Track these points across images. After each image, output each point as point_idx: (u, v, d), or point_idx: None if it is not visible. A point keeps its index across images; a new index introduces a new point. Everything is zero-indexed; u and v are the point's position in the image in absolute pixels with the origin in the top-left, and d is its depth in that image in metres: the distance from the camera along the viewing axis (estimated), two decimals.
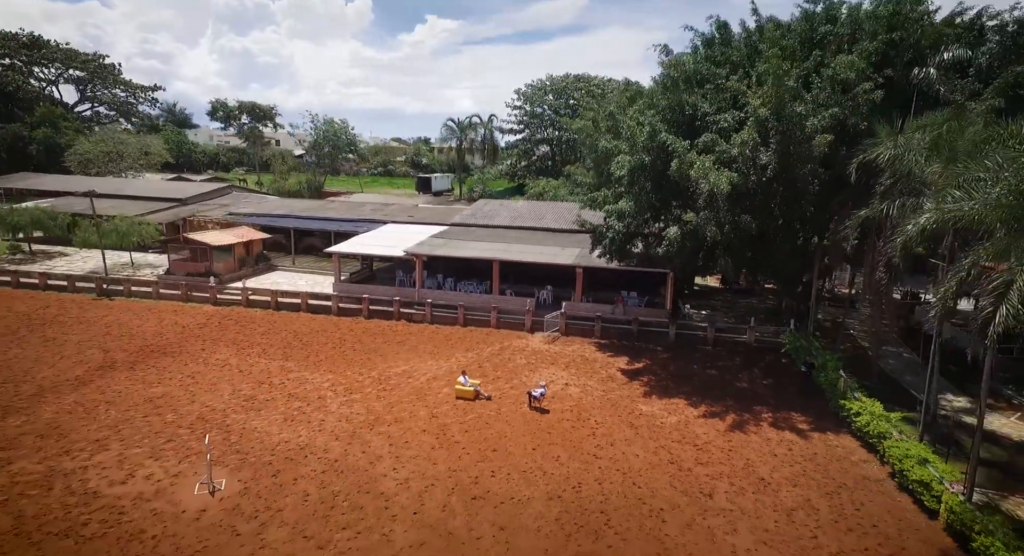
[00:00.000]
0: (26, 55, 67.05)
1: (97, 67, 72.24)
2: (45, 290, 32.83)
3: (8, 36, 66.19)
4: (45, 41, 68.67)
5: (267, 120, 67.88)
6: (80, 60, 70.38)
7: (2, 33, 65.56)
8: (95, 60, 72.36)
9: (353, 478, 15.93)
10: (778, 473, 16.77)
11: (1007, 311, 11.45)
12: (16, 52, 66.30)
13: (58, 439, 17.34)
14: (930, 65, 19.81)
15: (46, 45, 68.46)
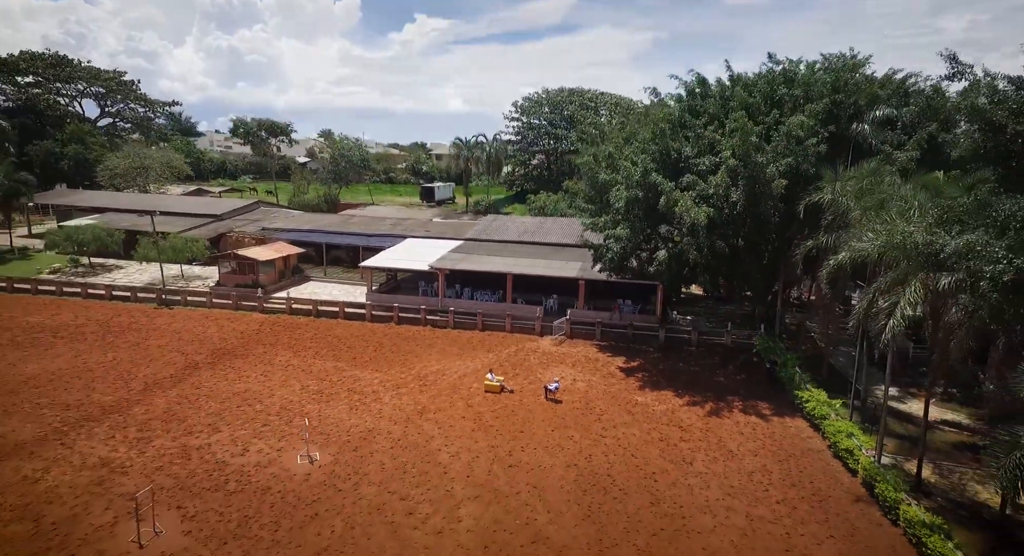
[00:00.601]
0: (52, 74, 70.97)
1: (117, 84, 76.19)
2: (111, 300, 37.18)
3: (35, 56, 70.02)
4: (69, 60, 72.54)
5: (283, 135, 72.21)
6: (103, 78, 74.32)
7: (30, 53, 69.54)
8: (115, 77, 76.25)
9: (415, 452, 20.60)
10: (743, 447, 21.64)
11: (895, 323, 16.35)
12: (44, 71, 70.12)
13: (178, 424, 21.87)
14: (865, 121, 24.81)
15: (70, 64, 72.31)
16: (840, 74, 25.52)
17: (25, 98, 67.85)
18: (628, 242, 28.42)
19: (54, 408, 22.61)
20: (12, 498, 16.95)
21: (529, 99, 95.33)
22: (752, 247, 26.28)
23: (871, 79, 26.26)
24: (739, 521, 17.14)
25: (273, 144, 73.44)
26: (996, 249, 12.01)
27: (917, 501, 16.90)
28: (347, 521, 16.58)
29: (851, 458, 19.58)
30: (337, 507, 17.24)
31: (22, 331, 31.07)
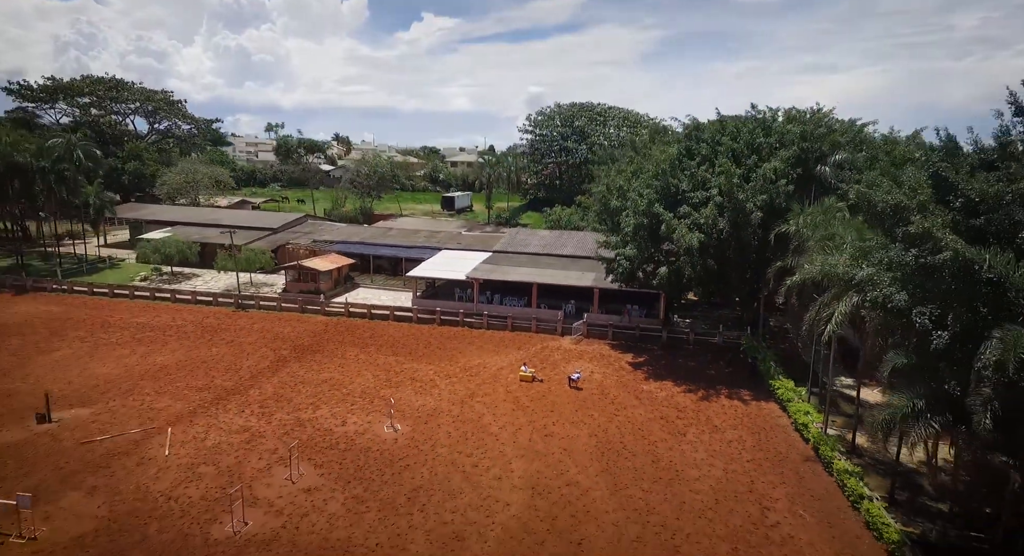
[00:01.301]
0: (110, 97, 77.91)
1: (165, 103, 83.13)
2: (195, 304, 43.80)
3: (96, 80, 77.04)
4: (126, 83, 79.57)
5: (320, 152, 78.80)
6: (155, 98, 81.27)
7: (92, 77, 76.52)
8: (164, 96, 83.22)
9: (471, 425, 26.91)
10: (726, 423, 27.80)
11: (832, 327, 22.43)
12: (104, 93, 77.09)
13: (286, 402, 28.30)
14: (827, 164, 30.90)
15: (127, 87, 79.33)
16: (807, 126, 31.64)
17: (88, 119, 74.87)
18: (635, 259, 34.62)
19: (190, 390, 29.14)
20: (191, 450, 23.42)
21: (542, 113, 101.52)
22: (735, 265, 32.41)
23: (832, 129, 32.35)
24: (717, 473, 23.33)
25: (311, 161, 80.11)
26: (884, 280, 18.02)
27: (848, 458, 23.05)
28: (430, 470, 22.91)
29: (805, 430, 25.72)
30: (421, 461, 23.58)
31: (137, 330, 37.69)
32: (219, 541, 18.27)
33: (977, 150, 17.34)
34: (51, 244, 55.87)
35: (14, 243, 56.08)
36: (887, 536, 18.09)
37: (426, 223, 66.71)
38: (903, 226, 16.34)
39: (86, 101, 78.62)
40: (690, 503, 21.19)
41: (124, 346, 34.92)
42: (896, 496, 20.90)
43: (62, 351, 33.58)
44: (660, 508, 20.84)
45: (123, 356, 33.27)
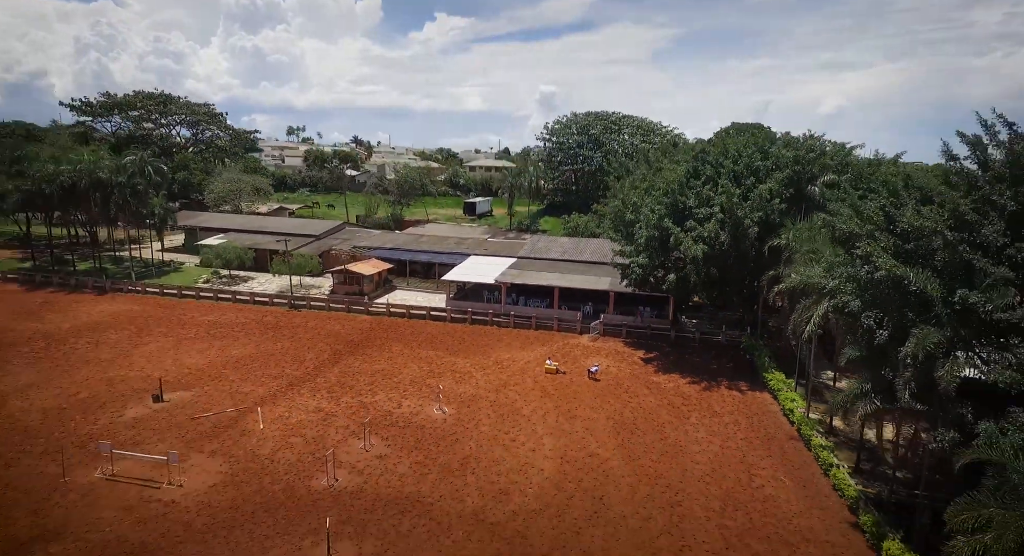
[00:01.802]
0: (159, 110, 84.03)
1: (208, 115, 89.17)
2: (253, 304, 49.21)
3: (148, 95, 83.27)
4: (174, 98, 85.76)
5: (352, 162, 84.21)
6: (201, 112, 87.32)
7: (145, 93, 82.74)
8: (207, 109, 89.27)
9: (507, 408, 31.77)
10: (724, 409, 32.39)
11: (811, 328, 26.95)
12: (154, 108, 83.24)
13: (349, 388, 33.38)
14: (816, 185, 35.33)
15: (175, 101, 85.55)
16: (799, 151, 36.10)
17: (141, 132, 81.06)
18: (647, 266, 39.29)
19: (267, 378, 34.37)
20: (279, 425, 28.59)
21: (559, 122, 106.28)
22: (735, 273, 36.95)
23: (823, 153, 36.77)
24: (715, 448, 27.98)
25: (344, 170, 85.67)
26: (846, 289, 22.48)
27: (824, 437, 27.59)
28: (476, 443, 27.83)
29: (791, 414, 30.25)
30: (468, 437, 28.51)
31: (209, 327, 43.11)
32: (318, 491, 23.35)
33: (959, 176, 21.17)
34: (114, 249, 61.76)
35: (83, 247, 62.06)
36: (847, 494, 22.68)
37: (453, 229, 71.73)
38: (855, 247, 20.92)
39: (136, 115, 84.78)
40: (691, 470, 25.89)
41: (202, 340, 40.32)
42: (861, 466, 25.45)
43: (152, 345, 39.06)
44: (666, 474, 25.57)
45: (204, 349, 38.65)
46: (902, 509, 22.08)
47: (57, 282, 51.67)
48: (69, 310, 45.72)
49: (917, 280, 18.14)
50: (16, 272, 53.49)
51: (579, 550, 20.57)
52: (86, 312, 45.41)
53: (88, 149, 59.06)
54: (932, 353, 17.19)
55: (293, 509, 22.17)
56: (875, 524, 20.28)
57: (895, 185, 24.52)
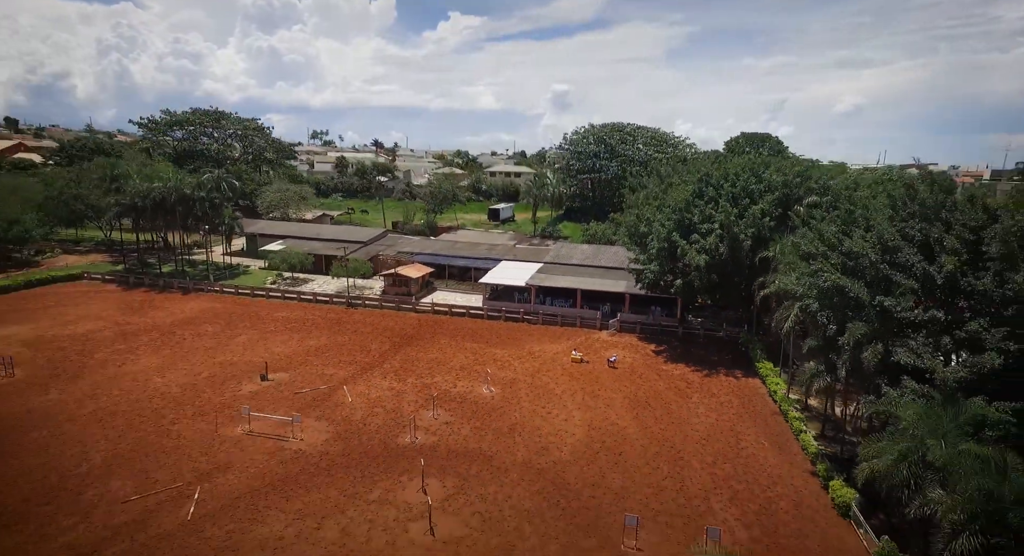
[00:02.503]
0: (213, 126, 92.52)
1: (254, 129, 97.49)
2: (315, 303, 56.94)
3: (204, 112, 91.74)
4: (227, 114, 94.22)
5: (388, 173, 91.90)
6: (250, 126, 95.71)
7: (202, 111, 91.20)
8: (255, 124, 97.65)
9: (541, 389, 38.95)
10: (721, 391, 39.26)
11: (789, 324, 33.74)
12: (209, 124, 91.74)
13: (410, 373, 40.79)
14: (800, 205, 42.01)
15: (227, 117, 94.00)
16: (788, 176, 42.80)
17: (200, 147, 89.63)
18: (658, 272, 46.22)
19: (343, 363, 41.90)
20: (363, 399, 36.05)
21: (577, 133, 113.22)
22: (732, 279, 43.77)
23: (808, 178, 43.45)
24: (711, 420, 34.90)
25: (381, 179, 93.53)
26: (810, 294, 29.21)
27: (799, 412, 34.41)
28: (520, 415, 35.03)
29: (775, 395, 37.07)
30: (512, 410, 35.73)
31: (284, 322, 50.86)
32: (404, 446, 30.75)
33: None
34: (186, 253, 69.97)
35: (159, 252, 70.36)
36: (810, 451, 29.56)
37: (483, 236, 79.03)
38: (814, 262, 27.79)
39: (193, 129, 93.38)
40: (691, 436, 32.88)
41: (281, 333, 48.06)
42: (825, 433, 32.31)
43: (243, 336, 46.86)
44: (671, 438, 32.60)
45: (286, 340, 46.37)
46: (849, 462, 28.85)
47: (148, 283, 59.92)
48: (164, 307, 53.82)
49: (853, 288, 25.00)
50: (112, 274, 61.83)
51: (604, 488, 27.70)
52: (179, 309, 53.46)
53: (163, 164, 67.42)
54: (860, 341, 24.04)
55: (388, 457, 29.60)
56: (826, 470, 27.18)
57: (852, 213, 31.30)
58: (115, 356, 41.14)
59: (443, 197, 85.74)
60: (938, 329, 22.25)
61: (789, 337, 35.24)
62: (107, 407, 33.48)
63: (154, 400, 34.72)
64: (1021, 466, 16.75)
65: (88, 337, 44.70)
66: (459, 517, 24.86)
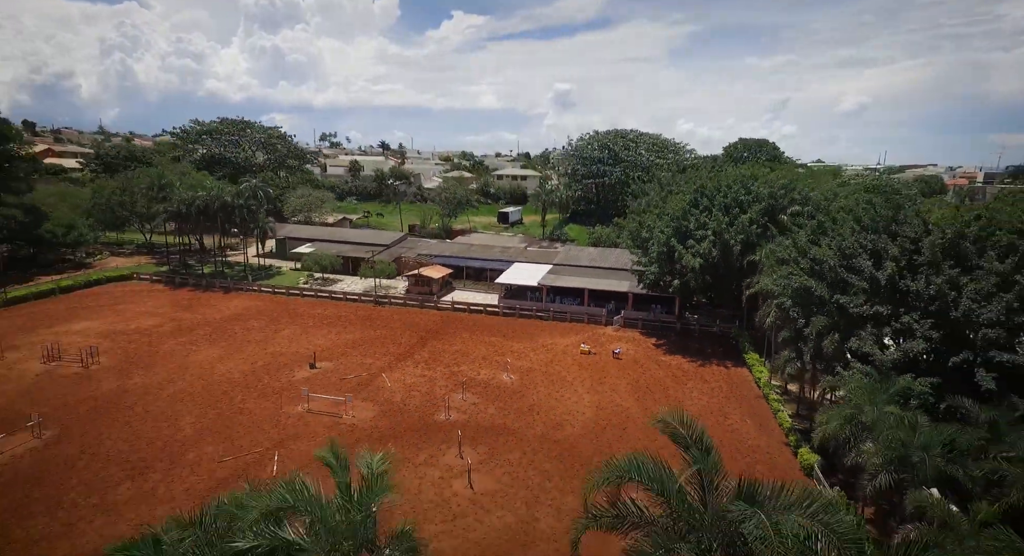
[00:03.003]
0: (240, 135, 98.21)
1: (277, 137, 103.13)
2: (345, 301, 62.46)
3: (232, 122, 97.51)
4: (251, 123, 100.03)
5: (408, 179, 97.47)
6: (274, 135, 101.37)
7: (230, 120, 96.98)
8: (277, 132, 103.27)
9: (554, 376, 44.36)
10: (713, 378, 44.61)
11: (770, 320, 39.03)
12: (235, 132, 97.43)
13: (438, 362, 46.23)
14: (785, 214, 47.31)
15: (252, 125, 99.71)
16: (773, 188, 48.09)
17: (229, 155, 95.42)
18: (658, 273, 51.56)
19: (378, 355, 47.38)
20: (400, 384, 41.51)
21: (582, 139, 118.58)
22: (724, 279, 49.11)
23: (792, 189, 48.73)
24: (703, 402, 40.25)
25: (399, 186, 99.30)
26: (786, 293, 34.48)
27: (779, 395, 39.74)
28: (536, 398, 40.45)
29: (759, 382, 42.40)
30: (530, 393, 41.15)
31: (320, 318, 56.37)
32: (440, 422, 36.20)
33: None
34: (221, 255, 75.58)
35: (196, 254, 76.01)
36: (785, 426, 34.92)
37: (495, 239, 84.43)
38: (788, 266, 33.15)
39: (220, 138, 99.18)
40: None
41: (320, 328, 53.59)
42: (800, 412, 37.65)
43: (286, 331, 52.41)
44: None
45: (325, 334, 51.89)
46: None
47: (191, 283, 65.57)
48: (210, 304, 59.45)
49: (817, 288, 30.34)
50: (159, 275, 67.49)
51: (610, 455, 32.98)
52: (224, 306, 59.08)
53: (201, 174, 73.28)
54: (821, 332, 29.38)
55: (428, 430, 35.07)
56: (796, 440, 32.53)
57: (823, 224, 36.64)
58: (179, 348, 46.75)
59: (457, 202, 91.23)
60: (881, 321, 27.58)
61: (771, 331, 40.53)
62: (184, 389, 39.08)
63: (222, 384, 40.29)
64: (928, 424, 22.06)
65: (151, 331, 50.32)
66: (492, 476, 30.32)
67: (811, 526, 11.36)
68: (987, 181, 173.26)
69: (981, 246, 26.97)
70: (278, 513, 12.52)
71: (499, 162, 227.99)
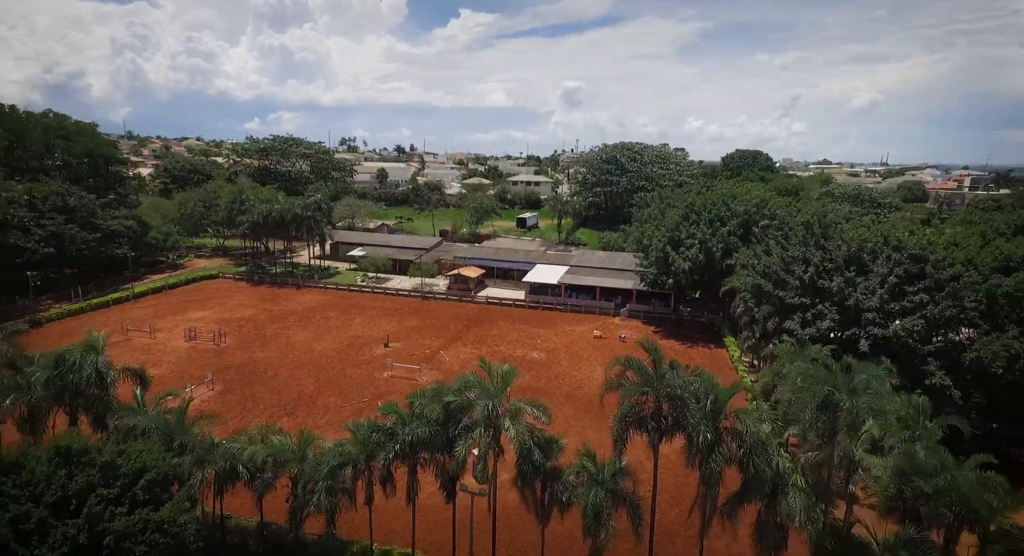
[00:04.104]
0: (289, 150, 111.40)
1: (323, 151, 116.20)
2: (395, 296, 75.27)
3: (284, 138, 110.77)
4: (300, 140, 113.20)
5: (438, 190, 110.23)
6: (319, 151, 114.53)
7: (281, 138, 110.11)
8: (321, 147, 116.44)
9: (574, 354, 56.84)
10: (697, 357, 56.92)
11: (740, 310, 51.30)
12: (285, 149, 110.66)
13: (483, 343, 58.84)
14: (756, 227, 59.53)
15: (300, 142, 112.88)
16: (748, 207, 60.32)
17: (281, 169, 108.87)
18: (656, 274, 63.97)
19: (433, 337, 60.07)
20: (456, 360, 54.12)
21: (592, 151, 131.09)
22: (709, 279, 61.47)
23: (764, 206, 60.91)
24: None
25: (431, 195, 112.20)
26: (748, 289, 46.58)
27: (746, 367, 52.04)
28: (561, 369, 53.00)
29: (732, 358, 54.73)
30: (556, 366, 53.69)
31: (381, 310, 69.17)
32: None
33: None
34: (285, 256, 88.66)
35: (261, 256, 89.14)
36: (746, 386, 47.35)
37: (517, 243, 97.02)
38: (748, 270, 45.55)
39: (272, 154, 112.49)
40: None
41: (383, 317, 66.40)
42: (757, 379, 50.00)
43: (357, 319, 65.26)
44: None
45: (388, 322, 64.69)
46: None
47: (267, 281, 78.63)
48: (288, 298, 72.42)
49: (765, 286, 42.65)
50: (240, 274, 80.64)
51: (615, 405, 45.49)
52: (300, 300, 72.05)
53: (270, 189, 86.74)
54: (766, 317, 41.67)
55: None
56: (753, 398, 44.92)
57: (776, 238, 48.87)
58: (280, 331, 59.73)
59: (484, 211, 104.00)
60: (804, 309, 39.88)
61: (739, 318, 52.84)
62: (296, 361, 51.97)
63: (322, 358, 53.16)
64: (824, 370, 34.32)
65: (252, 319, 63.37)
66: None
67: (695, 377, 23.75)
68: (974, 185, 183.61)
69: (874, 256, 39.23)
70: (465, 386, 25.20)
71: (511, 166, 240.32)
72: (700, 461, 22.44)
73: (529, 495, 24.87)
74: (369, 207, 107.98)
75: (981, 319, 34.87)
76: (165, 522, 22.41)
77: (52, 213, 61.66)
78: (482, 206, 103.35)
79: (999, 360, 32.39)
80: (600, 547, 22.83)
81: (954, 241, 40.35)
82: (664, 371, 24.08)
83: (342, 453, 25.12)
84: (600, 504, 22.41)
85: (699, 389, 23.19)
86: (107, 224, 66.44)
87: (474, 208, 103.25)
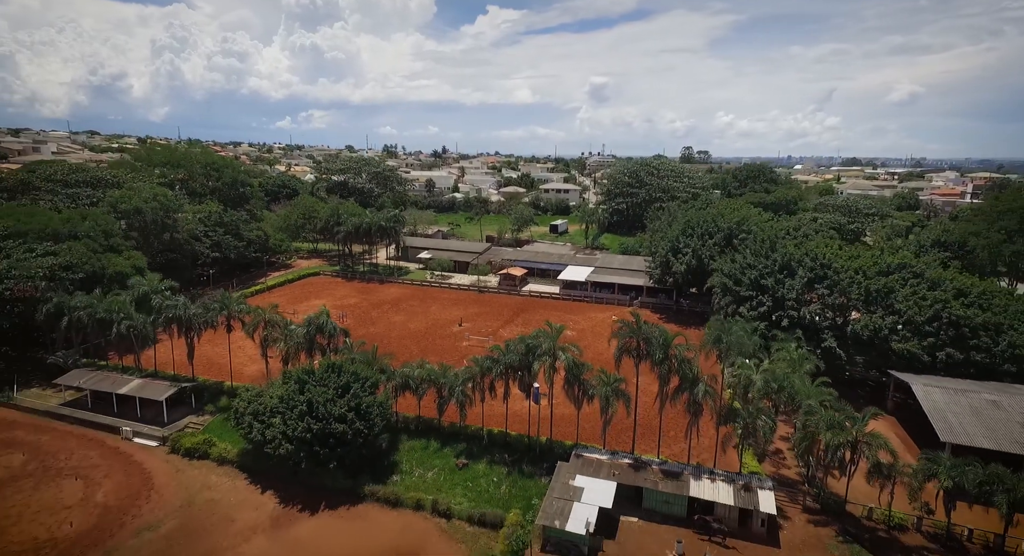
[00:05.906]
0: (361, 168, 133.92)
1: (388, 169, 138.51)
2: (457, 289, 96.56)
3: (358, 158, 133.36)
4: (370, 159, 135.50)
5: (483, 202, 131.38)
6: (386, 169, 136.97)
7: (354, 158, 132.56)
8: (386, 165, 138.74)
9: (597, 332, 77.07)
10: (689, 334, 76.69)
11: (723, 302, 70.86)
12: (357, 168, 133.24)
13: (529, 324, 79.42)
14: (737, 239, 78.85)
15: (369, 162, 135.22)
16: (731, 224, 79.60)
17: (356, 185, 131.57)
18: (660, 274, 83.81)
19: (492, 319, 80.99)
20: (513, 336, 75.05)
21: (614, 166, 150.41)
22: (701, 278, 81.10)
23: (746, 221, 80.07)
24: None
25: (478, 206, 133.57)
26: (720, 286, 65.91)
27: None
28: (591, 340, 73.26)
29: None
30: (587, 337, 73.94)
31: (449, 301, 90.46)
32: None
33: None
34: (363, 257, 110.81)
35: (345, 257, 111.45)
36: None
37: (551, 247, 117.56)
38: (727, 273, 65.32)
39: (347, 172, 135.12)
40: None
41: (452, 305, 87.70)
42: None
43: (433, 306, 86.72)
44: None
45: (456, 309, 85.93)
46: None
47: (357, 277, 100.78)
48: (377, 291, 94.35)
49: (728, 284, 62.29)
50: (335, 272, 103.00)
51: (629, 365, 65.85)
52: (385, 292, 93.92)
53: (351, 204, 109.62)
54: (728, 304, 61.29)
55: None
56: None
57: (750, 249, 68.11)
58: (381, 315, 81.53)
59: (524, 220, 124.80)
60: (751, 299, 59.41)
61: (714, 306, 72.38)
62: (399, 334, 73.52)
63: (418, 333, 74.63)
64: (757, 337, 53.98)
65: (357, 305, 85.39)
66: None
67: (656, 329, 43.97)
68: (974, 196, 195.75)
69: (800, 263, 58.59)
70: (537, 335, 46.09)
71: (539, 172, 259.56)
72: (658, 370, 42.68)
73: (570, 391, 45.40)
74: (427, 216, 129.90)
75: (862, 305, 54.17)
76: (380, 403, 44.00)
77: (215, 227, 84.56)
78: (522, 216, 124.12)
79: (866, 331, 51.69)
80: (608, 420, 43.28)
81: (857, 254, 59.32)
82: (641, 325, 44.14)
83: (468, 371, 46.17)
84: (608, 396, 42.84)
85: (659, 335, 43.29)
86: (248, 234, 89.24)
87: (515, 217, 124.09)
